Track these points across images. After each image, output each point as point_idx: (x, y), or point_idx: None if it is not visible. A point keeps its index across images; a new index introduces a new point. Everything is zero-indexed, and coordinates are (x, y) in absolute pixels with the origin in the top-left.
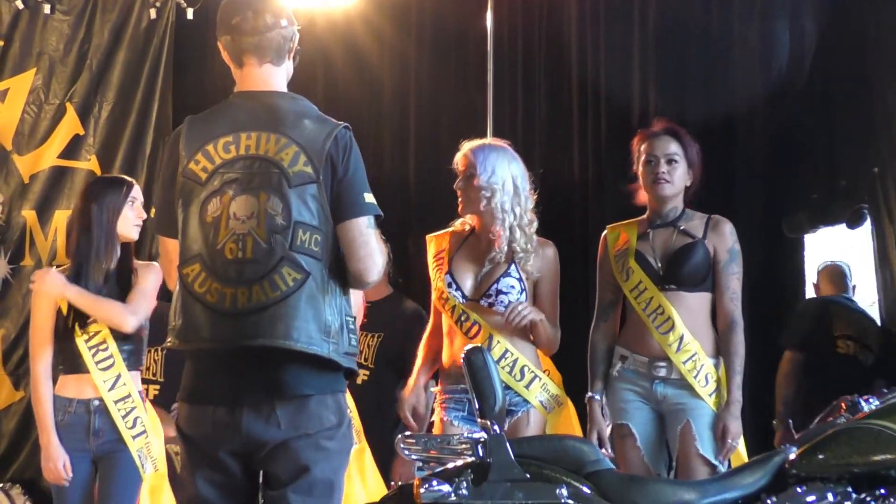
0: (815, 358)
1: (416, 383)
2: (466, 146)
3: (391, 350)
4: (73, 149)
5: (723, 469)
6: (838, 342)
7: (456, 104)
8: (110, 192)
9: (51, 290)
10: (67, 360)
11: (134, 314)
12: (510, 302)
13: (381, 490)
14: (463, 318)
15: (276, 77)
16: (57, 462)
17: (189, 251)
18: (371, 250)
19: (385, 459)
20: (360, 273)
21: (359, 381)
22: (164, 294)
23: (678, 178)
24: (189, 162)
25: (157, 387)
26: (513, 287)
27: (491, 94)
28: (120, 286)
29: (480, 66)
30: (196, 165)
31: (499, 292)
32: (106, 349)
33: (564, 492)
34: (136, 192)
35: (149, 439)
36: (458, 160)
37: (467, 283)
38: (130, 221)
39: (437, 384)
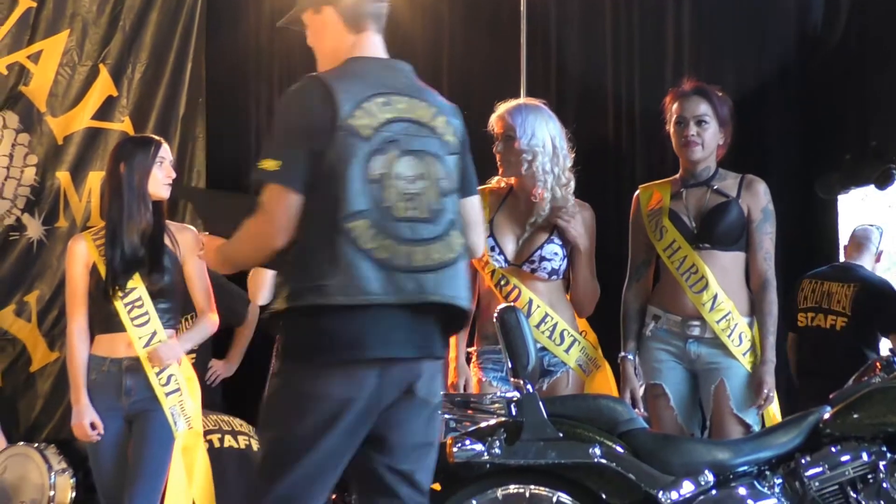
0: (793, 334)
1: (457, 362)
2: (502, 108)
3: None
4: (106, 110)
5: (756, 429)
6: (799, 316)
7: (489, 62)
8: (139, 153)
9: (173, 360)
10: (102, 321)
11: (214, 311)
12: (553, 269)
13: None
14: (503, 283)
15: (384, 47)
16: (84, 419)
17: (352, 206)
18: (483, 228)
19: None
20: (475, 247)
21: None
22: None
23: (709, 139)
24: (349, 117)
25: (193, 355)
26: (556, 254)
27: (524, 52)
28: (153, 245)
29: (514, 23)
30: (358, 120)
31: (542, 258)
32: (141, 306)
33: (598, 451)
34: (165, 151)
35: (182, 397)
36: (494, 122)
37: (509, 248)
38: (160, 181)
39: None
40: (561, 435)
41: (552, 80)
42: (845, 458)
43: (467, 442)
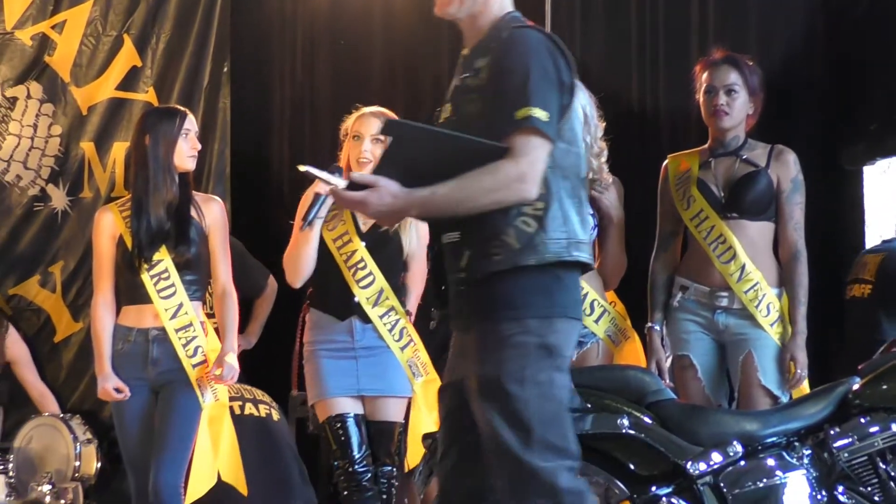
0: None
1: None
2: None
3: None
4: (130, 80)
5: (784, 400)
6: (846, 288)
7: None
8: (164, 124)
9: (236, 373)
10: (129, 292)
11: (233, 286)
12: None
13: None
14: None
15: None
16: (107, 384)
17: (585, 164)
18: None
19: None
20: None
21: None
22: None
23: (738, 108)
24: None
25: (214, 320)
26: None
27: (549, 21)
28: (179, 217)
29: None
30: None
31: None
32: (168, 278)
33: (626, 422)
34: (190, 122)
35: (209, 368)
36: None
37: None
38: (185, 153)
39: None
40: (589, 406)
41: (577, 50)
42: (874, 428)
43: None
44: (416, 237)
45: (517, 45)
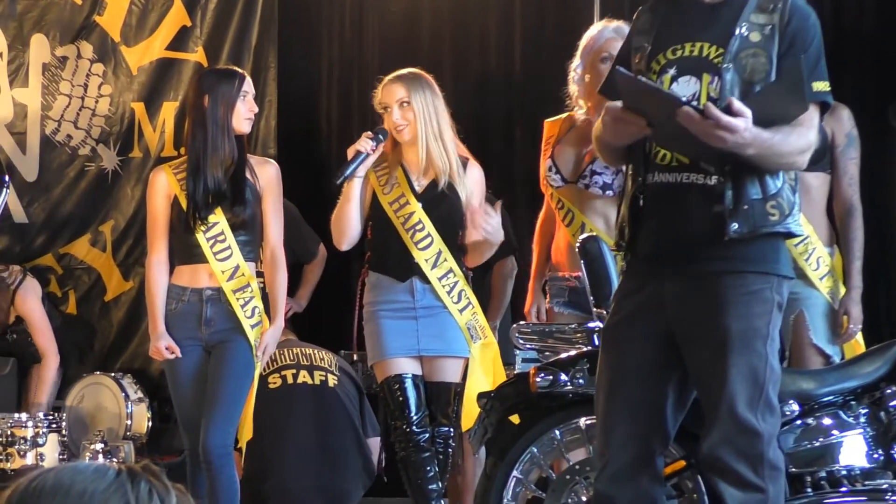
0: None
1: (532, 293)
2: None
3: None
4: (180, 40)
5: (836, 358)
6: None
7: None
8: (223, 85)
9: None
10: (183, 252)
11: (283, 251)
12: (605, 183)
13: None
14: (559, 206)
15: None
16: (159, 343)
17: None
18: None
19: None
20: None
21: None
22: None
23: None
24: None
25: (261, 279)
26: (607, 167)
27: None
28: (235, 179)
29: None
30: None
31: (593, 172)
32: (224, 240)
33: None
34: (248, 84)
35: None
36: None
37: (568, 167)
38: (243, 115)
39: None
40: None
41: (626, 8)
42: None
43: (550, 372)
44: (472, 181)
45: (810, 17)
